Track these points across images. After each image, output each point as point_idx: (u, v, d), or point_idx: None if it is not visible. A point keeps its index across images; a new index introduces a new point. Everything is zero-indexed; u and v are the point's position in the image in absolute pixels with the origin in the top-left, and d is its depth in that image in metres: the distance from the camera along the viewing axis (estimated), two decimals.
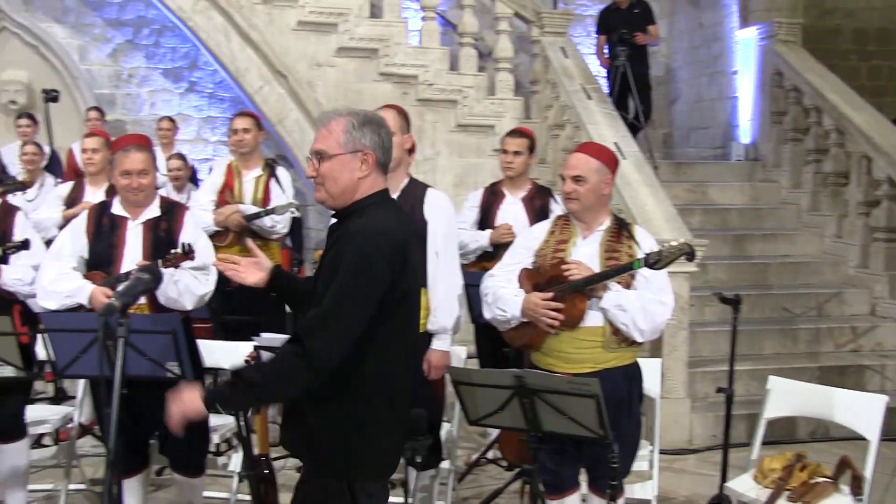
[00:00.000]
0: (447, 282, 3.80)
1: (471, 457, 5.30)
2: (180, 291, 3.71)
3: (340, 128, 2.57)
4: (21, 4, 9.34)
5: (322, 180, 2.59)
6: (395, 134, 3.73)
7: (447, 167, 7.79)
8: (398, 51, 7.75)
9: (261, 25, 7.59)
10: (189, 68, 9.69)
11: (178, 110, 9.60)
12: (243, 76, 7.64)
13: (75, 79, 9.39)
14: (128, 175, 3.75)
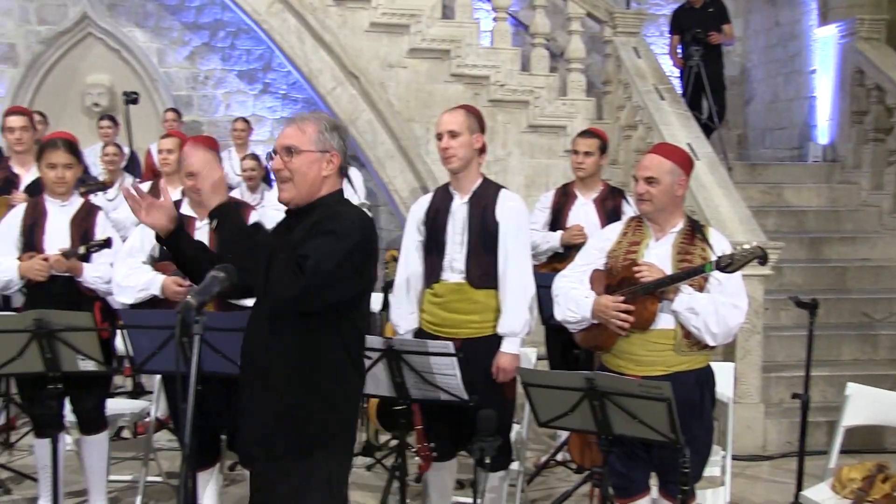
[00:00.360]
0: (517, 284, 3.77)
1: (540, 458, 5.27)
2: None
3: (312, 128, 2.74)
4: (105, 10, 9.63)
5: (290, 175, 2.71)
6: (461, 134, 3.76)
7: (518, 168, 7.77)
8: (470, 52, 7.75)
9: (334, 27, 7.67)
10: (263, 70, 9.86)
11: (252, 111, 9.77)
12: (316, 77, 7.73)
13: (154, 81, 9.64)
14: (191, 176, 3.84)
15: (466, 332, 3.75)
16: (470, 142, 3.80)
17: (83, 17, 9.55)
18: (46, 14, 9.66)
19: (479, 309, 3.77)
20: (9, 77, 9.58)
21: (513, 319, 3.75)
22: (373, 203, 8.81)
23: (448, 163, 3.81)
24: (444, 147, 3.81)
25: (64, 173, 4.16)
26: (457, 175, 3.84)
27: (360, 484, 4.90)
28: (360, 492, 4.79)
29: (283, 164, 2.71)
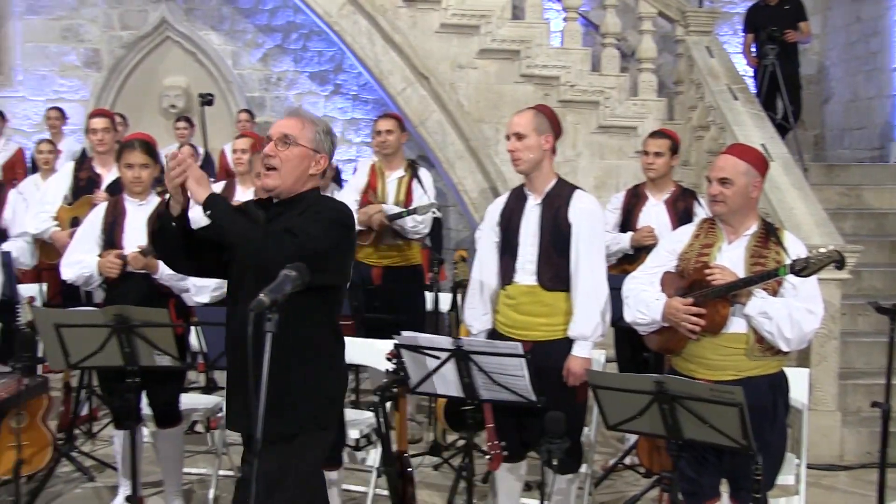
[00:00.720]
0: (589, 287, 3.71)
1: (608, 462, 5.23)
2: None
3: (311, 127, 2.88)
4: (183, 15, 9.86)
5: (280, 164, 2.81)
6: (527, 136, 3.73)
7: (588, 169, 7.71)
8: (540, 52, 7.73)
9: (404, 28, 7.72)
10: (334, 71, 9.97)
11: (323, 112, 9.89)
12: (387, 78, 7.79)
13: (228, 83, 9.83)
14: None
15: (537, 334, 3.72)
16: (538, 143, 3.76)
17: (162, 22, 9.80)
18: (129, 20, 9.94)
19: (550, 311, 3.73)
20: (93, 81, 9.87)
21: (583, 323, 3.71)
22: (442, 203, 8.82)
23: (515, 165, 3.80)
24: (510, 149, 3.79)
25: (140, 173, 4.27)
26: (529, 176, 3.81)
27: (427, 483, 4.92)
28: (427, 491, 4.81)
29: (275, 151, 2.81)
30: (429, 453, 5.28)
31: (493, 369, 3.44)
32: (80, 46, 9.99)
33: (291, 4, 9.50)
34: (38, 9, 9.91)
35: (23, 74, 9.97)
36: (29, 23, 9.93)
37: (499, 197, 4.08)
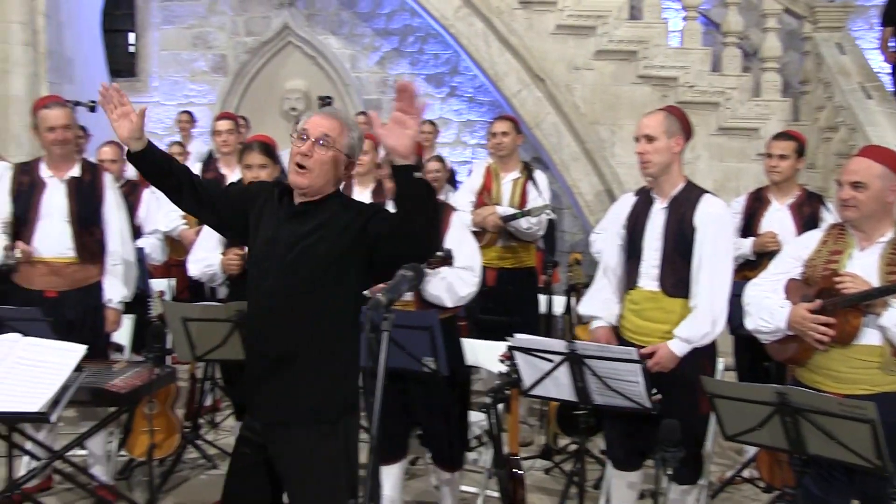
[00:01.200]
0: (706, 294, 3.55)
1: (725, 474, 5.07)
2: (444, 289, 3.81)
3: (349, 133, 2.84)
4: (304, 20, 10.11)
5: (313, 165, 2.76)
6: (657, 139, 3.63)
7: (707, 172, 7.52)
8: (658, 52, 7.58)
9: (520, 30, 7.70)
10: (450, 74, 10.03)
11: (438, 114, 9.96)
12: (502, 80, 7.78)
13: (347, 86, 10.02)
14: None
15: (659, 340, 3.61)
16: (668, 146, 3.63)
17: (284, 28, 10.08)
18: (253, 26, 10.27)
19: (673, 318, 3.59)
20: (219, 85, 10.26)
21: (692, 328, 3.54)
22: (556, 206, 8.76)
23: (644, 168, 3.67)
24: (640, 152, 3.67)
25: (259, 173, 4.38)
26: (657, 179, 3.70)
27: (537, 487, 4.89)
28: (537, 495, 4.78)
29: (311, 150, 2.77)
30: (540, 457, 5.24)
31: (607, 374, 3.38)
32: (208, 53, 10.38)
33: (408, 8, 9.61)
34: (173, 19, 10.37)
35: (157, 81, 10.45)
36: (164, 32, 10.40)
37: (624, 197, 3.98)
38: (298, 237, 2.79)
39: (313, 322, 2.79)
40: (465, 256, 3.88)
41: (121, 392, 3.66)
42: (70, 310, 4.43)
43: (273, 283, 2.80)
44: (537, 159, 8.55)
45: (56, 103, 4.46)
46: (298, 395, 2.81)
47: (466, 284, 3.84)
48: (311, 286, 2.77)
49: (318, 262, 2.76)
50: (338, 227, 2.77)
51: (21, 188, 4.46)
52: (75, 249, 4.45)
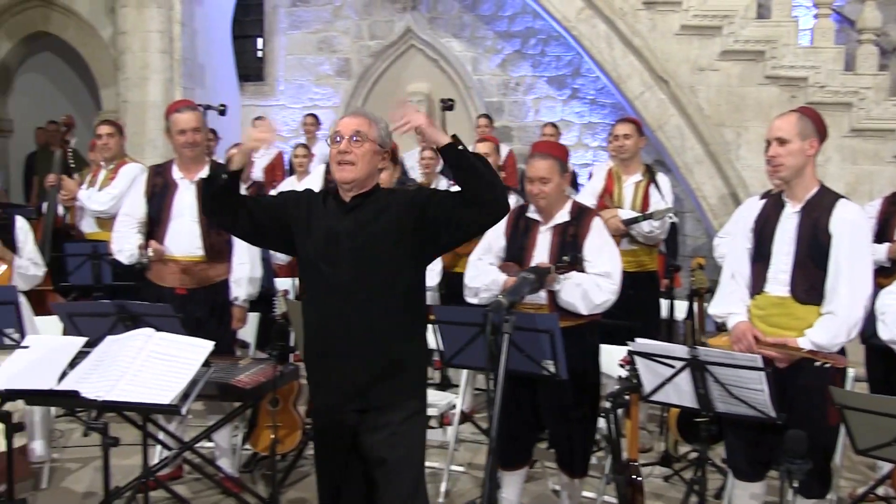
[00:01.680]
0: (843, 305, 3.38)
1: (856, 490, 4.85)
2: (579, 296, 3.79)
3: (378, 125, 3.10)
4: (426, 23, 10.23)
5: (356, 159, 3.01)
6: (790, 141, 3.50)
7: (838, 175, 7.21)
8: (787, 52, 7.32)
9: (643, 31, 7.58)
10: (572, 76, 9.96)
11: (560, 116, 9.91)
12: (624, 82, 7.68)
13: (468, 88, 10.08)
14: (531, 182, 3.95)
15: None
16: (801, 149, 3.48)
17: (407, 31, 10.23)
18: (377, 30, 10.47)
19: (802, 325, 3.45)
20: (343, 88, 10.51)
21: (824, 334, 3.38)
22: (679, 209, 8.57)
23: (775, 172, 3.54)
24: (771, 156, 3.54)
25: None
26: (789, 183, 3.57)
27: (656, 494, 4.79)
28: (656, 502, 4.69)
29: (350, 147, 3.01)
30: (659, 464, 5.13)
31: (731, 381, 3.29)
32: (332, 57, 10.63)
33: (530, 10, 9.60)
34: (299, 24, 10.68)
35: (284, 84, 10.77)
36: (291, 37, 10.72)
37: (749, 200, 3.86)
38: (362, 224, 3.01)
39: (389, 303, 2.97)
40: (603, 262, 3.84)
41: (246, 388, 3.79)
42: (198, 307, 4.60)
43: (346, 271, 2.98)
44: (660, 162, 8.39)
45: (187, 107, 4.64)
46: (385, 375, 2.98)
47: (603, 292, 3.81)
48: (383, 266, 2.97)
49: (387, 243, 2.97)
50: (397, 210, 3.00)
51: (155, 189, 4.67)
52: (204, 248, 4.62)
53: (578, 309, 3.78)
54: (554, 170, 3.91)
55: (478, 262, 4.11)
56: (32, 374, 3.29)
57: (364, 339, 2.97)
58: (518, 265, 3.90)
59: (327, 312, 3.03)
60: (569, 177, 4.00)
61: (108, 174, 6.27)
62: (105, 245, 5.53)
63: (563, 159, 3.98)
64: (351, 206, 3.07)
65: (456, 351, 3.80)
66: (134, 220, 4.71)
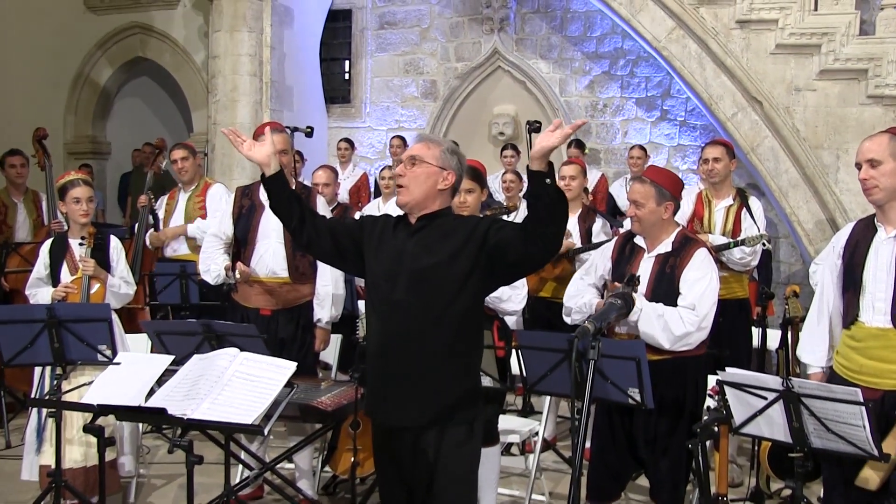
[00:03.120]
0: None
1: None
2: (659, 328, 3.74)
3: (437, 148, 3.17)
4: (513, 45, 10.27)
5: (408, 181, 3.11)
6: (883, 163, 3.38)
7: None
8: (893, 69, 7.09)
9: (736, 51, 7.45)
10: (662, 97, 9.85)
11: (649, 139, 9.80)
12: (716, 103, 7.55)
13: (556, 110, 10.06)
14: (629, 203, 3.96)
15: (890, 382, 3.35)
16: (894, 170, 3.39)
17: (494, 52, 10.27)
18: (463, 52, 10.55)
19: None
20: (429, 110, 10.61)
21: None
22: (772, 234, 8.37)
23: (868, 194, 3.43)
24: (863, 178, 3.44)
25: (466, 198, 4.48)
26: (882, 207, 3.45)
27: None
28: None
29: (404, 171, 3.14)
30: (750, 500, 4.98)
31: (828, 416, 3.17)
32: (419, 78, 10.76)
33: (620, 31, 9.55)
34: (386, 46, 10.85)
35: (370, 107, 10.94)
36: (378, 60, 10.90)
37: (847, 226, 3.73)
38: (424, 246, 3.07)
39: (443, 326, 3.02)
40: (692, 295, 3.79)
41: (327, 409, 3.83)
42: (282, 328, 4.70)
43: (404, 290, 3.04)
44: (752, 186, 8.21)
45: (274, 129, 4.74)
46: (439, 396, 3.03)
47: (684, 323, 3.75)
48: (439, 289, 3.02)
49: (445, 267, 3.03)
50: (460, 235, 3.06)
51: (242, 211, 4.79)
52: (288, 270, 4.72)
53: (659, 341, 3.74)
54: (649, 195, 3.88)
55: (578, 282, 4.16)
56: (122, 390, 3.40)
57: (415, 360, 3.04)
58: None
59: (385, 331, 3.10)
60: (671, 207, 3.93)
61: (196, 198, 6.42)
62: (193, 265, 5.69)
63: (667, 187, 3.93)
64: (416, 227, 3.14)
65: (539, 377, 3.78)
66: (221, 241, 4.84)
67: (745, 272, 5.50)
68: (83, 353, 4.24)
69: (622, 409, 3.84)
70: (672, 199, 3.92)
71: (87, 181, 4.90)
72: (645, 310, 3.75)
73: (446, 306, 3.02)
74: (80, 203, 4.82)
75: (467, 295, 3.05)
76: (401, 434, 3.11)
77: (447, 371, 3.05)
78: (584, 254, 5.72)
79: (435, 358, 3.03)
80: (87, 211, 4.84)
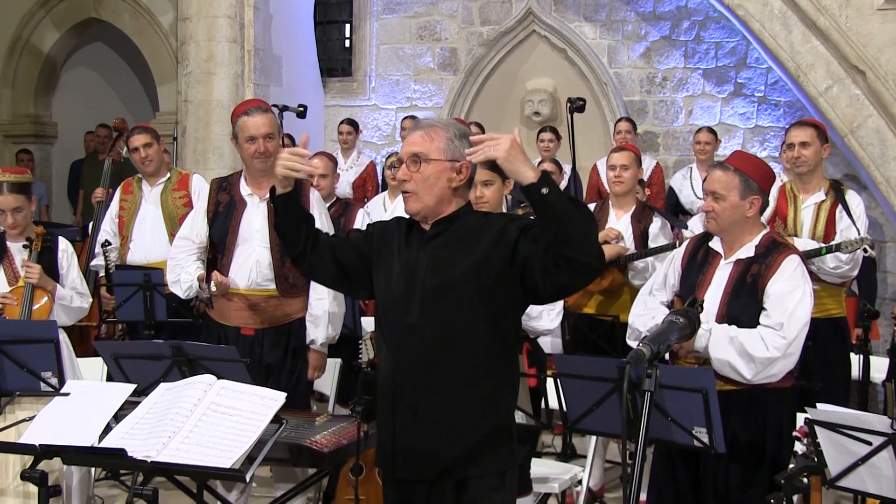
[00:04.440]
0: None
1: None
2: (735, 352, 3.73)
3: (441, 135, 3.09)
4: (552, 5, 10.27)
5: (415, 187, 3.06)
6: None
7: None
8: None
9: (833, 8, 7.42)
10: (735, 67, 9.82)
11: (718, 119, 9.78)
12: (805, 74, 7.54)
13: (603, 85, 10.04)
14: (704, 195, 3.96)
15: None
16: None
17: (527, 14, 10.27)
18: (490, 13, 10.57)
19: None
20: (448, 85, 10.62)
21: None
22: (877, 238, 8.31)
23: None
24: None
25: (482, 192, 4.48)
26: None
27: None
28: None
29: (409, 174, 3.07)
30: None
31: None
32: (435, 46, 10.78)
33: None
34: (395, 6, 10.87)
35: (376, 81, 10.96)
36: (385, 23, 10.92)
37: None
38: (441, 258, 3.05)
39: (468, 352, 3.01)
40: (780, 313, 3.77)
41: (323, 451, 3.83)
42: (268, 351, 4.71)
43: (418, 312, 3.03)
44: (851, 177, 8.18)
45: (258, 108, 4.74)
46: (462, 440, 3.03)
47: (768, 347, 3.72)
48: (462, 310, 3.00)
49: (465, 283, 3.02)
50: (484, 241, 3.04)
51: (218, 208, 4.79)
52: (276, 281, 4.72)
53: (738, 370, 3.73)
54: (732, 186, 3.86)
55: (648, 299, 4.15)
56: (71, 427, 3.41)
57: (433, 395, 3.04)
58: None
59: (397, 361, 3.10)
60: (758, 203, 3.91)
61: (174, 192, 6.39)
62: (160, 274, 5.71)
63: (754, 178, 3.91)
64: (431, 234, 3.13)
65: (583, 412, 3.77)
66: (193, 244, 4.85)
67: (841, 285, 5.48)
68: (23, 382, 4.27)
69: (686, 454, 3.83)
70: (759, 193, 3.91)
71: (17, 185, 4.84)
72: (715, 331, 3.74)
73: (469, 330, 3.02)
74: (3, 215, 4.81)
75: (495, 315, 3.05)
76: (415, 486, 3.11)
77: (472, 408, 3.05)
78: (638, 261, 5.71)
79: (457, 393, 3.03)
80: (15, 223, 4.84)
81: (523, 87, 10.44)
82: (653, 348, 2.28)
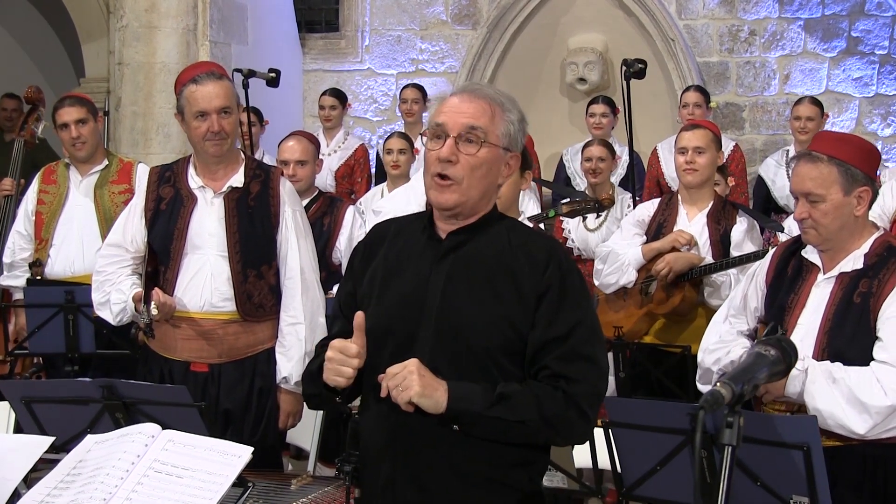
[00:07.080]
0: None
1: None
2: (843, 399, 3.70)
3: (503, 115, 3.09)
4: None
5: (463, 175, 3.02)
6: None
7: None
8: None
9: None
10: (849, 17, 9.80)
11: (825, 86, 9.77)
12: None
13: (671, 41, 10.04)
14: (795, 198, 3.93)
15: None
16: None
17: None
18: None
19: None
20: (465, 44, 10.61)
21: None
22: None
23: None
24: None
25: None
26: None
27: None
28: None
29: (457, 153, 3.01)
30: None
31: None
32: None
33: None
34: None
35: (370, 38, 10.95)
36: None
37: None
38: (460, 279, 3.05)
39: None
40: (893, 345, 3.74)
41: None
42: (227, 392, 4.71)
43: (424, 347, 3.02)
44: None
45: (210, 74, 4.70)
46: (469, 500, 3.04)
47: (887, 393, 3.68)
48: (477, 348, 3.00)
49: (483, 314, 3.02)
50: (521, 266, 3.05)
51: (160, 206, 4.77)
52: (236, 301, 4.72)
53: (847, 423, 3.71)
54: (831, 181, 3.80)
55: (722, 328, 4.14)
56: None
57: (439, 459, 3.05)
58: None
59: (392, 415, 3.09)
60: (867, 195, 3.86)
61: (113, 185, 6.33)
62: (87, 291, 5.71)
63: (856, 164, 3.84)
64: (448, 245, 3.11)
65: (643, 475, 3.77)
66: (127, 253, 4.85)
67: None
68: None
69: None
70: (866, 182, 3.86)
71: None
72: (813, 371, 3.72)
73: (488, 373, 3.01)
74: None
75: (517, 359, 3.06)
76: None
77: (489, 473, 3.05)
78: (717, 275, 5.69)
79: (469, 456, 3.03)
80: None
81: (564, 47, 10.47)
82: (735, 389, 2.27)
